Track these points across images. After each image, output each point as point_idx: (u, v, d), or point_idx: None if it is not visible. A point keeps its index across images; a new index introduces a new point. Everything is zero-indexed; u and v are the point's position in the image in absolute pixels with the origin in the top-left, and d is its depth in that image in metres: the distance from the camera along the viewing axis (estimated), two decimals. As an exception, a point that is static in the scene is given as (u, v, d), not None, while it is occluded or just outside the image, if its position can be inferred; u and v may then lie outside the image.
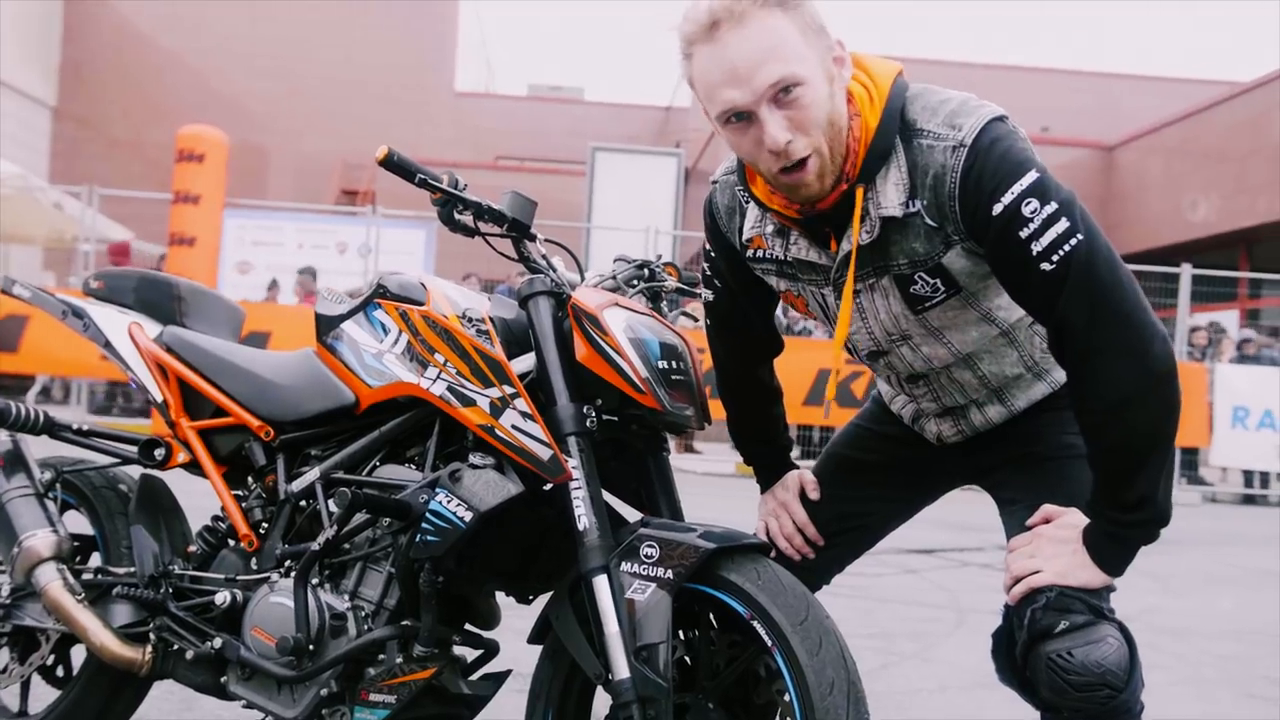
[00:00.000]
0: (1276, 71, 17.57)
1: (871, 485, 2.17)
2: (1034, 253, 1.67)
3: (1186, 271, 12.25)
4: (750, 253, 2.01)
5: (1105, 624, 1.71)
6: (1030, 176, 1.68)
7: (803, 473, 2.25)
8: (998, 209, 1.67)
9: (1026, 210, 1.66)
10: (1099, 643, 1.68)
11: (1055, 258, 1.66)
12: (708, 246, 2.13)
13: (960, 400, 2.05)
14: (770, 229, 1.94)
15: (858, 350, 2.05)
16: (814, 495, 2.18)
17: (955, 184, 1.71)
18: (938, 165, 1.72)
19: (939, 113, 1.75)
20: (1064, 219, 1.67)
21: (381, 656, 2.02)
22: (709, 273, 2.15)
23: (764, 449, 2.31)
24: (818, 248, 1.89)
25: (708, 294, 2.17)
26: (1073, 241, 1.67)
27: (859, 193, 1.78)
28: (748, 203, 1.97)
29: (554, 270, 2.11)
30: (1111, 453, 1.73)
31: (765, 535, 2.19)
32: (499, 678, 2.13)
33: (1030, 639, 1.73)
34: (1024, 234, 1.67)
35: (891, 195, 1.77)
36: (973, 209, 1.71)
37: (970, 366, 1.98)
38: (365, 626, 2.05)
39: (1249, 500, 12.25)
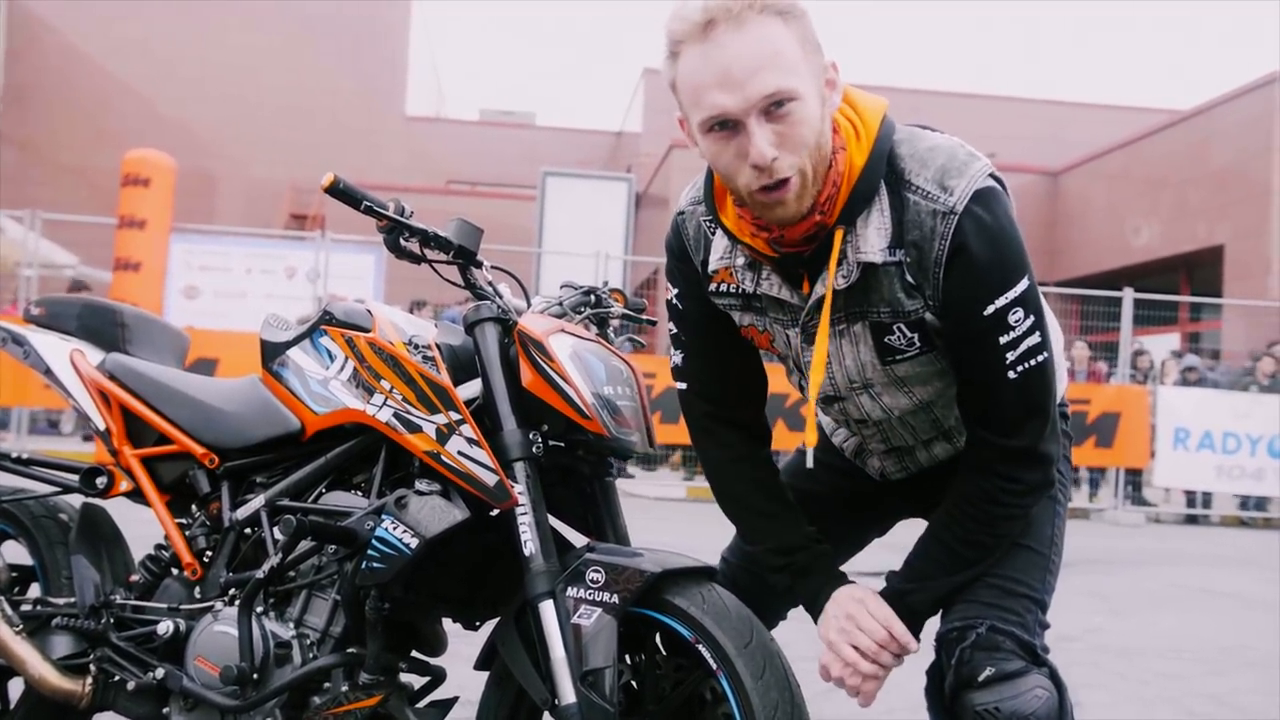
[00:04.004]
0: (1213, 100, 17.98)
1: (817, 518, 2.07)
2: (1007, 360, 1.70)
3: (1129, 296, 12.47)
4: (714, 286, 1.90)
5: (1033, 673, 1.73)
6: (1022, 285, 1.68)
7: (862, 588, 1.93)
8: (989, 310, 1.67)
9: (1012, 319, 1.68)
10: (1025, 695, 1.70)
11: (1021, 369, 1.70)
12: (674, 291, 1.97)
13: (909, 441, 2.01)
14: (741, 261, 1.82)
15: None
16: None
17: (943, 253, 1.66)
18: (926, 228, 1.66)
19: (929, 165, 1.67)
20: (1037, 333, 1.70)
21: (327, 685, 2.01)
22: (675, 329, 1.99)
23: (800, 553, 1.94)
24: (790, 287, 1.80)
25: (676, 356, 2.01)
26: (1040, 357, 1.71)
27: (838, 235, 1.69)
28: (714, 232, 1.86)
29: (500, 297, 2.11)
30: (972, 545, 1.82)
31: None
32: (446, 705, 2.13)
33: (957, 683, 1.75)
34: (1003, 340, 1.69)
35: (873, 240, 1.69)
36: (958, 295, 1.68)
37: (926, 411, 1.93)
38: (310, 655, 2.04)
39: (1191, 520, 12.44)
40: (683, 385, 2.02)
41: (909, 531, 1.97)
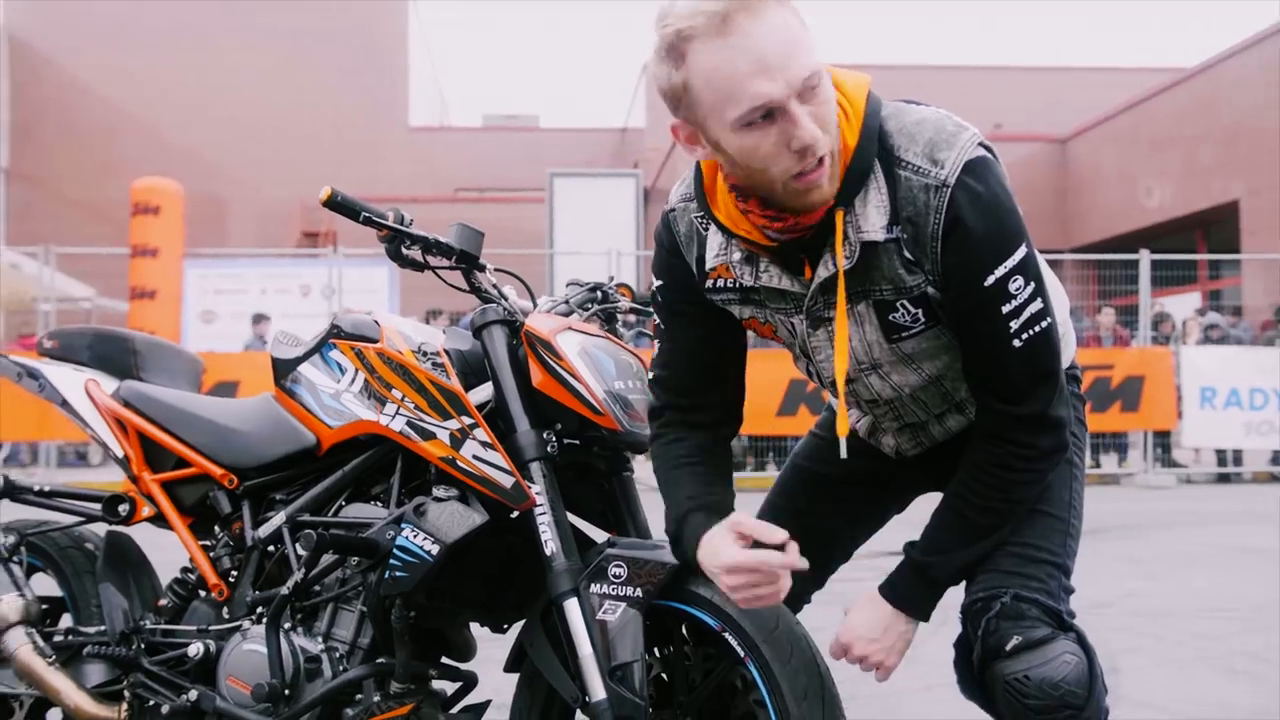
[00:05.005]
0: (1219, 55, 17.84)
1: (834, 499, 2.08)
2: (1011, 329, 1.68)
3: (1145, 258, 12.38)
4: (711, 283, 1.87)
5: (1060, 639, 1.71)
6: (1020, 252, 1.67)
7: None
8: (989, 281, 1.66)
9: (1013, 287, 1.66)
10: (1054, 661, 1.68)
11: (1026, 336, 1.69)
12: (658, 283, 1.95)
13: (921, 416, 1.98)
14: (737, 256, 1.79)
15: (821, 378, 1.95)
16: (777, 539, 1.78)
17: (939, 227, 1.64)
18: (920, 203, 1.64)
19: (917, 139, 1.66)
20: (1039, 299, 1.69)
21: (359, 696, 2.02)
22: (662, 326, 1.96)
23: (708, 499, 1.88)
24: (790, 275, 1.78)
25: (658, 367, 1.96)
26: (1044, 323, 1.69)
27: (839, 215, 1.67)
28: (706, 229, 1.84)
29: (506, 299, 2.12)
30: (988, 512, 1.78)
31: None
32: (479, 709, 2.13)
33: (985, 654, 1.73)
34: (1006, 309, 1.67)
35: (873, 219, 1.67)
36: (957, 268, 1.66)
37: (936, 386, 1.91)
38: (340, 667, 2.04)
39: (1223, 479, 12.37)
40: (649, 374, 2.01)
41: (929, 507, 1.96)
